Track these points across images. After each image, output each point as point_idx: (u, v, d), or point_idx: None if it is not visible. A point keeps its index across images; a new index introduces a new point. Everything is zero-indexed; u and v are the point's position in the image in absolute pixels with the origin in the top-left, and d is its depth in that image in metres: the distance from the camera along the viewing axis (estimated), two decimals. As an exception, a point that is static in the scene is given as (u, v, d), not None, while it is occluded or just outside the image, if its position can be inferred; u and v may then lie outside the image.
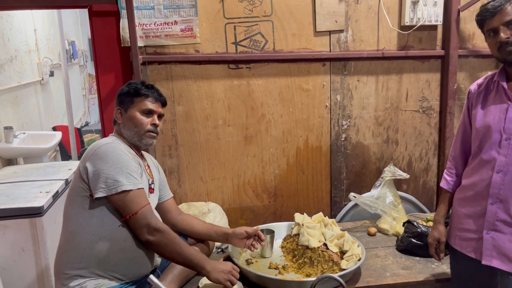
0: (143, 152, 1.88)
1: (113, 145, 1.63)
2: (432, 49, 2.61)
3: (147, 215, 1.58)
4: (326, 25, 2.47)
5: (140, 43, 2.30)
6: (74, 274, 1.58)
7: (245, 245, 1.92)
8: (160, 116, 1.80)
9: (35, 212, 2.24)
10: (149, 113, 1.74)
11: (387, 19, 2.48)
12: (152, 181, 1.82)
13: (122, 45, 2.32)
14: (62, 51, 4.22)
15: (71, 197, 1.65)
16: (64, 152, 4.68)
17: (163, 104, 1.82)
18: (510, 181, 1.49)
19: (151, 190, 1.79)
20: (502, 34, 1.47)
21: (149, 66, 2.37)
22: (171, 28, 2.32)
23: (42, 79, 4.52)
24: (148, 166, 1.85)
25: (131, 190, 1.57)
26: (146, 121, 1.73)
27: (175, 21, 2.31)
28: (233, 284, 1.65)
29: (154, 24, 2.31)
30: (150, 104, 1.74)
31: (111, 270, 1.61)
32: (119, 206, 1.58)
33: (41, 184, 2.60)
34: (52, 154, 4.50)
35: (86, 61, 6.96)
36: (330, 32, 2.49)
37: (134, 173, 1.61)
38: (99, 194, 1.56)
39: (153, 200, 1.82)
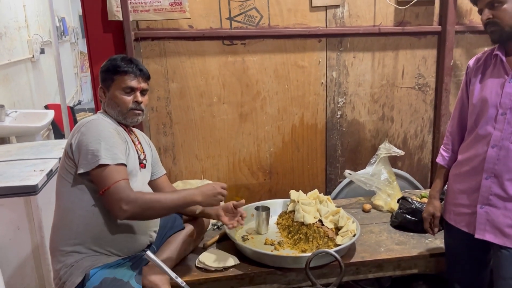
0: (134, 129, 1.86)
1: (98, 121, 1.60)
2: (429, 25, 2.58)
3: (119, 189, 1.50)
4: (322, 0, 2.43)
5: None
6: (70, 251, 1.58)
7: (230, 221, 1.85)
8: (143, 91, 1.73)
9: (29, 191, 2.22)
10: (130, 90, 1.68)
11: (384, -6, 2.45)
12: (144, 156, 1.80)
13: (109, 19, 2.25)
14: (52, 28, 4.12)
15: (61, 175, 1.63)
16: (57, 130, 4.64)
17: (146, 78, 1.74)
18: (505, 156, 1.49)
19: (142, 165, 1.76)
20: (482, 16, 1.50)
21: (142, 42, 2.33)
22: (160, 2, 2.25)
23: (33, 57, 4.45)
24: (139, 142, 1.82)
25: (108, 164, 1.52)
26: (128, 99, 1.67)
27: None
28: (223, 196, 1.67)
29: None
30: (130, 81, 1.67)
31: (107, 245, 1.61)
32: (96, 181, 1.53)
33: (35, 162, 2.58)
34: (45, 133, 4.46)
35: (77, 39, 6.84)
36: (326, 7, 2.45)
37: (115, 148, 1.56)
38: (80, 170, 1.53)
39: (145, 175, 1.80)
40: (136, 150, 1.75)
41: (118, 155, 1.55)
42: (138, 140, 1.82)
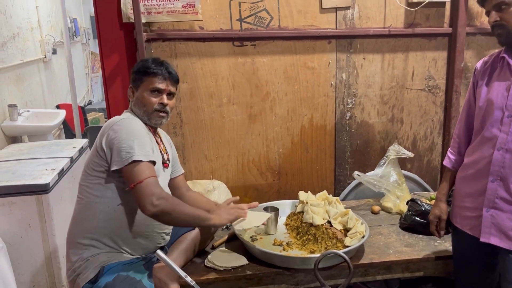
0: (158, 129, 1.89)
1: (129, 120, 1.66)
2: (439, 27, 2.57)
3: (152, 184, 1.55)
4: (332, 1, 2.43)
5: (142, 19, 2.26)
6: (88, 244, 1.62)
7: None
8: (170, 94, 1.77)
9: (41, 189, 2.25)
10: (157, 91, 1.73)
11: (395, -4, 2.44)
12: (167, 157, 1.84)
13: (123, 21, 2.29)
14: (64, 28, 4.17)
15: (87, 171, 1.67)
16: (68, 130, 4.69)
17: (175, 81, 1.78)
18: (511, 158, 1.49)
19: (166, 164, 1.81)
20: (490, 18, 1.50)
21: (153, 43, 2.35)
22: (173, 4, 2.28)
23: (45, 57, 4.50)
24: (162, 142, 1.86)
25: (141, 161, 1.56)
26: (154, 100, 1.72)
27: None
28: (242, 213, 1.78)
29: (156, 0, 2.27)
30: (158, 83, 1.72)
31: (123, 244, 1.65)
32: (127, 176, 1.57)
33: (47, 161, 2.62)
34: (56, 132, 4.51)
35: (89, 39, 6.91)
36: (336, 9, 2.46)
37: (147, 146, 1.62)
38: (114, 167, 1.58)
39: (167, 175, 1.85)
40: (160, 150, 1.79)
41: (150, 152, 1.61)
42: (161, 140, 1.86)
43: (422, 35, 2.56)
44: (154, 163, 1.62)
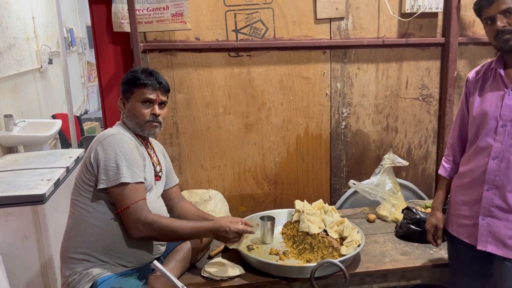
0: (150, 139, 1.88)
1: (118, 136, 1.63)
2: (432, 37, 2.61)
3: (138, 210, 1.57)
4: (327, 12, 2.46)
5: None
6: (81, 259, 1.61)
7: None
8: (162, 104, 1.76)
9: (37, 200, 2.25)
10: (148, 102, 1.71)
11: (388, 6, 2.47)
12: (160, 169, 1.83)
13: (114, 30, 2.29)
14: (60, 38, 4.18)
15: (77, 185, 1.66)
16: (64, 140, 4.69)
17: (166, 91, 1.77)
18: (506, 167, 1.51)
19: (158, 178, 1.80)
20: (498, 23, 1.49)
21: (149, 54, 2.37)
22: (163, 13, 2.27)
23: (41, 67, 4.50)
24: (155, 154, 1.85)
25: (129, 183, 1.57)
26: (146, 111, 1.70)
27: (166, 5, 2.26)
28: (242, 233, 1.73)
29: (147, 9, 2.27)
30: (149, 94, 1.70)
31: (116, 257, 1.64)
32: (115, 198, 1.59)
33: (42, 172, 2.61)
34: (52, 142, 4.50)
35: (85, 49, 6.92)
36: (330, 20, 2.49)
37: (135, 166, 1.60)
38: (101, 186, 1.58)
39: (159, 188, 1.84)
40: (152, 163, 1.78)
41: (137, 173, 1.60)
42: (154, 151, 1.85)
43: (415, 45, 2.60)
44: (142, 183, 1.63)
